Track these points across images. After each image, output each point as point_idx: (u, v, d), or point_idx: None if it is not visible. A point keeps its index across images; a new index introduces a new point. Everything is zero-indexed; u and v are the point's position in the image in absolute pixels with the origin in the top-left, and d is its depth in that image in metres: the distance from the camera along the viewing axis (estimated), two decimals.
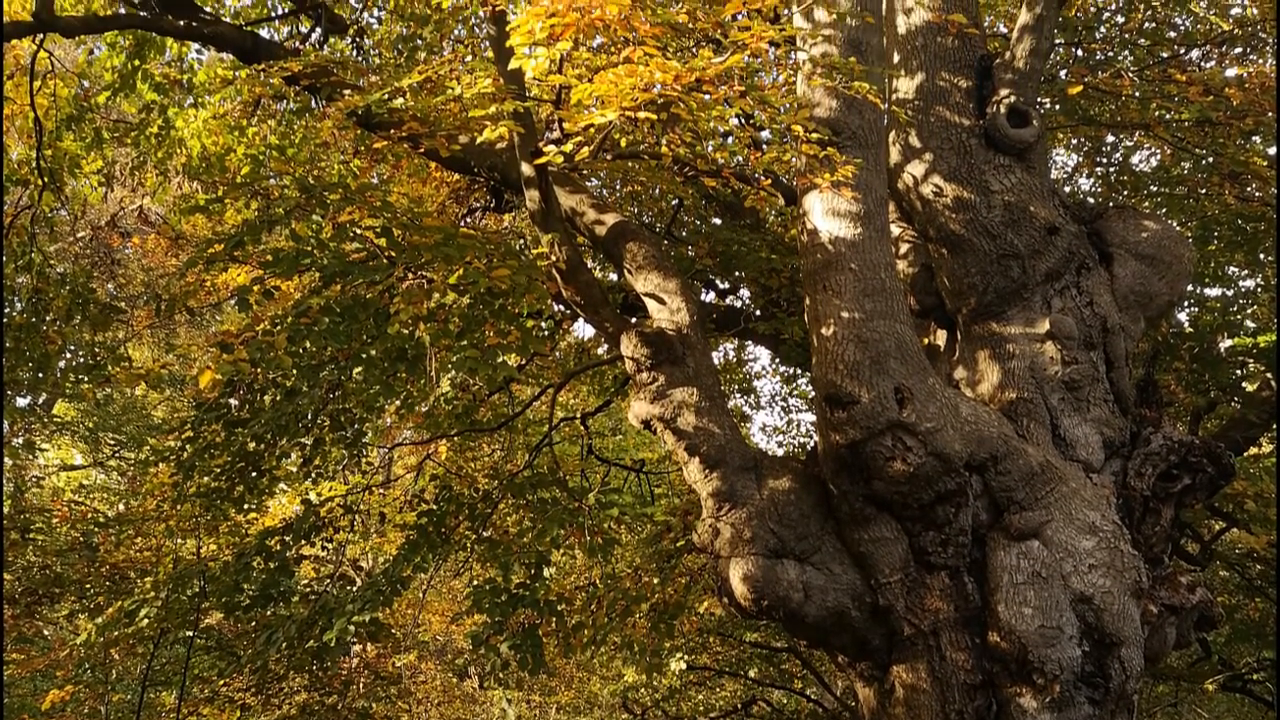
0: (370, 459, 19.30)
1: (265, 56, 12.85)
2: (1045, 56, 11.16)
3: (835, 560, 9.82)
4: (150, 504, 17.57)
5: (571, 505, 12.49)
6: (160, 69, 15.42)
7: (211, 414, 11.76)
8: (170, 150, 15.89)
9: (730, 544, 9.79)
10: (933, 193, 10.73)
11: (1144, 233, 10.88)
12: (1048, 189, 10.89)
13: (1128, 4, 16.00)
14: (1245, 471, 16.00)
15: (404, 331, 9.52)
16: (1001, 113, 10.63)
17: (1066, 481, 9.66)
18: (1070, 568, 9.31)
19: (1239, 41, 15.84)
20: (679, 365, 10.02)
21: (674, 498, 19.58)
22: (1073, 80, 13.06)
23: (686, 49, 13.21)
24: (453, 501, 12.90)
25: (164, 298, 10.80)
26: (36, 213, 14.99)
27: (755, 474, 9.97)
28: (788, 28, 8.92)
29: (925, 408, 9.18)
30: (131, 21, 13.38)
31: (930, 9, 11.03)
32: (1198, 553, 16.26)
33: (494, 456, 21.02)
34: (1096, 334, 10.50)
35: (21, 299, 13.28)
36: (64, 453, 32.11)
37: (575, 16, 7.34)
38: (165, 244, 26.37)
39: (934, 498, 9.37)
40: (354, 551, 25.82)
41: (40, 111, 14.55)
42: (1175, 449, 10.34)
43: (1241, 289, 17.56)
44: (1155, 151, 17.54)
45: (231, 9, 15.70)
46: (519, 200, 13.81)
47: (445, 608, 29.34)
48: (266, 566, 12.60)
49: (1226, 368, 15.61)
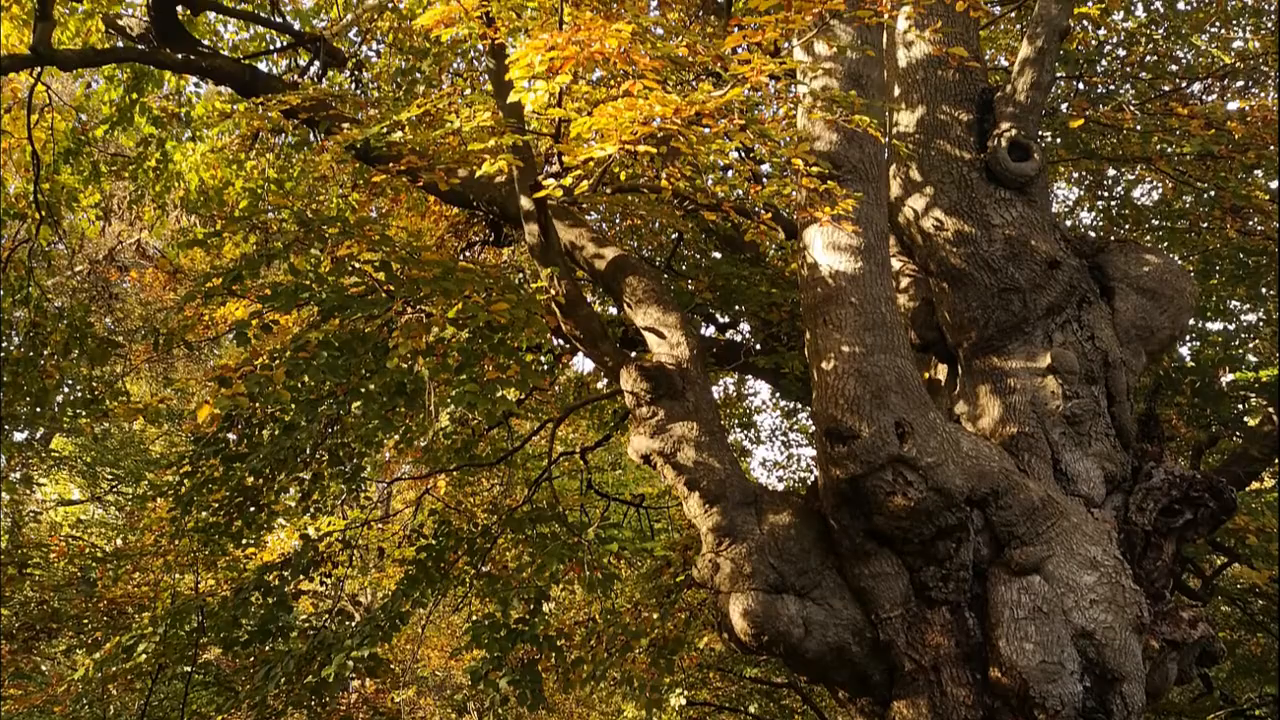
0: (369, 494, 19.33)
1: (263, 90, 12.85)
2: (1046, 90, 11.15)
3: (836, 595, 9.78)
4: (148, 539, 17.55)
5: (571, 540, 12.43)
6: (158, 102, 15.43)
7: (210, 448, 11.72)
8: (168, 184, 15.89)
9: (730, 579, 9.75)
10: (933, 226, 10.71)
11: (1145, 267, 10.86)
12: (1049, 223, 10.87)
13: (1129, 37, 16.02)
14: (1247, 506, 15.93)
15: (403, 366, 9.49)
16: (1003, 146, 10.61)
17: (1068, 516, 9.62)
18: (1072, 603, 9.26)
19: (1241, 75, 15.86)
20: (679, 400, 9.99)
21: (674, 533, 19.51)
22: (1074, 114, 13.05)
23: (686, 82, 13.21)
24: (452, 536, 12.86)
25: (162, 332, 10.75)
26: (34, 247, 14.99)
27: (755, 509, 9.94)
28: (788, 61, 8.91)
29: (926, 442, 9.14)
30: (129, 55, 13.39)
31: (931, 42, 11.03)
32: (1199, 588, 16.20)
33: (493, 491, 21.00)
34: (1098, 368, 10.48)
35: (19, 333, 13.27)
36: (62, 487, 32.06)
37: (575, 50, 7.32)
38: (163, 278, 26.32)
39: (935, 532, 9.32)
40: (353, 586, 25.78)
41: (38, 145, 14.55)
42: (1177, 484, 10.29)
43: (1243, 323, 17.57)
44: (1157, 185, 17.56)
45: (230, 42, 15.71)
46: (518, 234, 13.78)
47: (444, 643, 29.30)
48: (265, 601, 12.55)
49: (1228, 402, 15.59)
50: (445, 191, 11.77)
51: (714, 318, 16.06)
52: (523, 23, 9.93)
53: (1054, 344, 10.52)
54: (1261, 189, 14.16)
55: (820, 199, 8.68)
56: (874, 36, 9.64)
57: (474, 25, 8.57)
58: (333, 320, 9.52)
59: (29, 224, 15.02)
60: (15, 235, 16.15)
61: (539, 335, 9.48)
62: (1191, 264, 15.78)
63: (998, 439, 10.28)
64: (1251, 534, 15.07)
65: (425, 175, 10.71)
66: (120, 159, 16.74)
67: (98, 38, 14.77)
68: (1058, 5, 10.83)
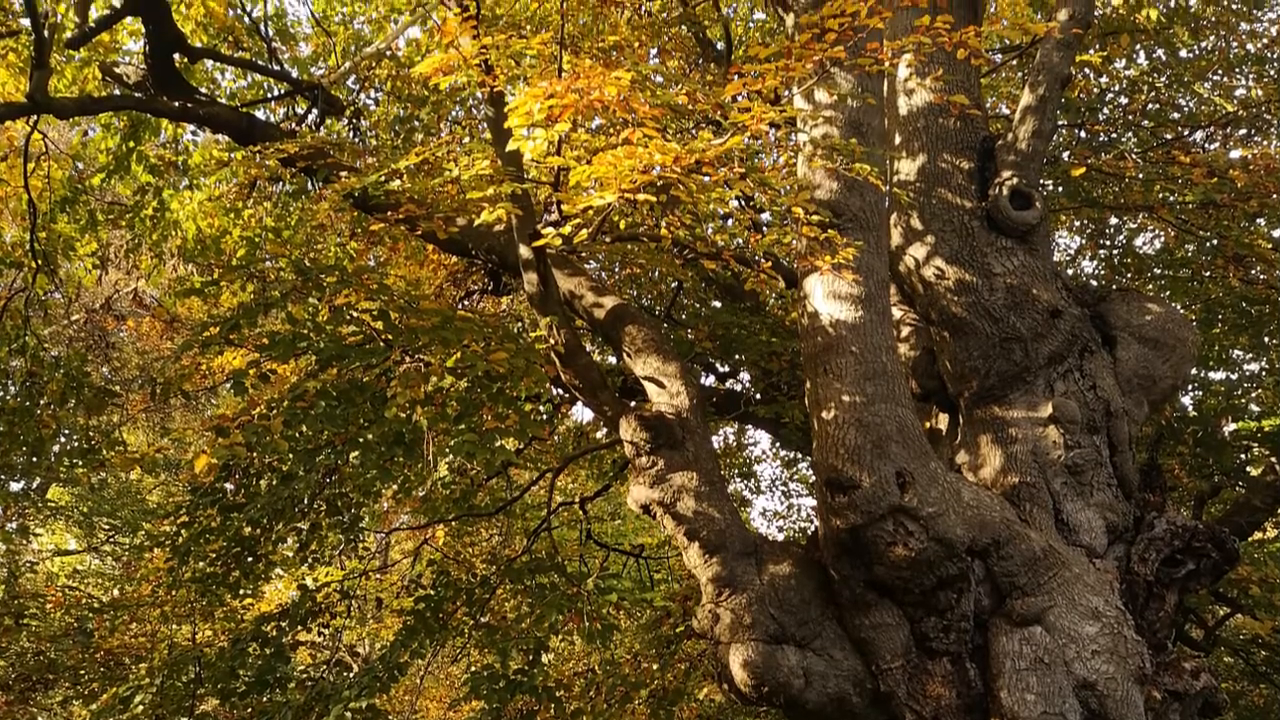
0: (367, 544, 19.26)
1: (261, 138, 12.86)
2: (1048, 138, 11.16)
3: (836, 646, 9.73)
4: (145, 589, 17.48)
5: (570, 590, 12.38)
6: (155, 150, 15.43)
7: (207, 498, 11.70)
8: (165, 232, 15.88)
9: (730, 629, 9.71)
10: (934, 275, 10.69)
11: (1147, 315, 10.84)
12: (1050, 271, 10.85)
13: (1131, 85, 16.03)
14: (1249, 556, 15.89)
15: (401, 415, 9.45)
16: (1004, 195, 10.60)
17: (1069, 566, 9.57)
18: (1073, 653, 9.21)
19: (1243, 123, 15.87)
20: (678, 449, 9.95)
21: (673, 583, 19.48)
22: (1076, 162, 13.06)
23: (686, 130, 13.21)
24: (450, 587, 12.82)
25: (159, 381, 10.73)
26: (30, 295, 14.96)
27: (755, 559, 9.90)
28: (788, 109, 8.89)
29: (927, 492, 9.10)
30: (126, 103, 13.39)
31: (932, 90, 11.03)
32: (1202, 638, 16.14)
33: (492, 541, 20.95)
34: (1100, 418, 10.45)
35: (15, 382, 13.23)
36: (58, 538, 32.03)
37: (574, 98, 7.30)
38: (160, 327, 26.35)
39: (936, 583, 9.28)
40: (351, 637, 25.72)
41: (34, 193, 14.55)
42: (1179, 534, 10.26)
43: (1246, 372, 17.54)
44: (1159, 234, 17.54)
45: (227, 90, 15.72)
46: (517, 283, 13.75)
47: (443, 694, 29.19)
48: (263, 652, 12.50)
49: (1231, 452, 15.56)
50: (444, 240, 11.76)
51: (714, 367, 16.04)
52: (521, 70, 9.92)
53: (1056, 393, 10.50)
54: (1264, 237, 14.18)
55: (821, 247, 8.65)
56: (875, 84, 9.63)
57: (472, 73, 8.55)
58: (330, 369, 9.49)
59: (25, 272, 15.00)
60: (12, 284, 16.14)
61: (538, 385, 9.44)
62: (1194, 313, 15.76)
63: (999, 489, 10.23)
64: (1254, 584, 15.04)
65: (424, 224, 10.70)
66: (117, 207, 16.76)
67: (94, 85, 14.77)
68: (1060, 53, 10.83)
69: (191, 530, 11.84)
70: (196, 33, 14.87)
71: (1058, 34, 10.78)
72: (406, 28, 15.50)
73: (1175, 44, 16.17)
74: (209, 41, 15.16)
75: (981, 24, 10.57)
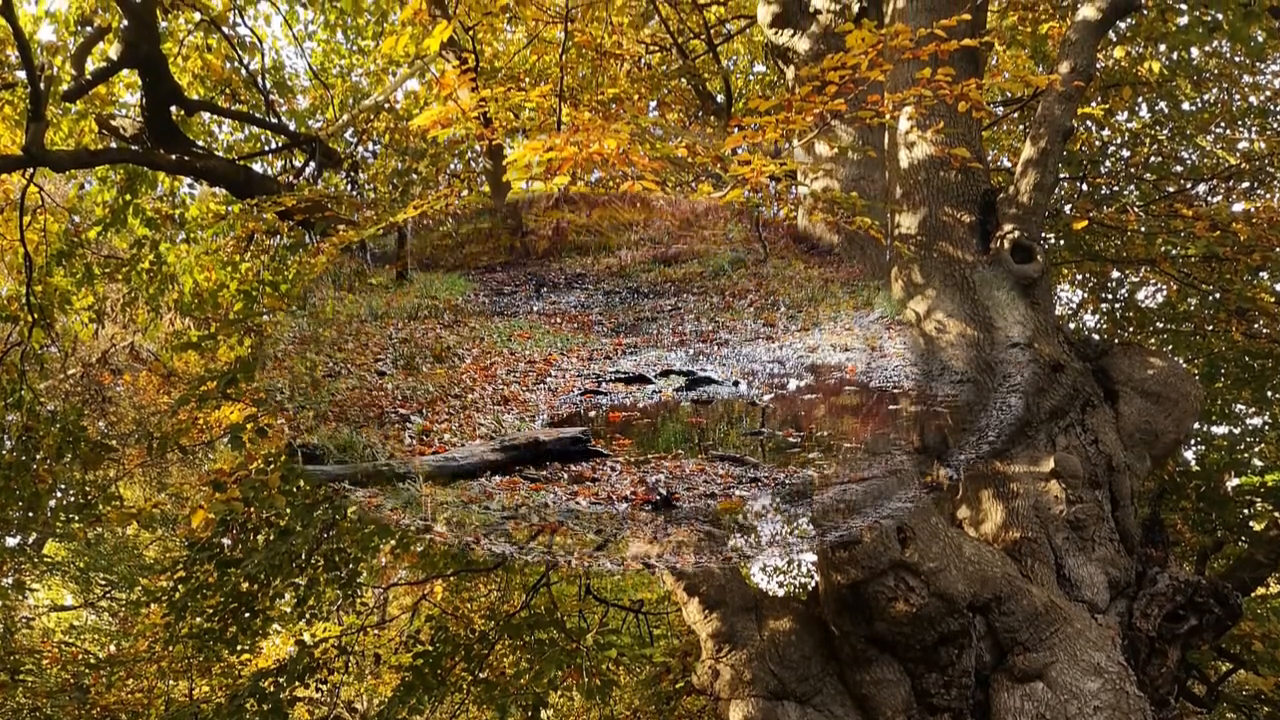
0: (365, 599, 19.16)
1: (259, 191, 12.84)
2: (1050, 191, 11.14)
3: (837, 702, 9.68)
4: (142, 645, 17.43)
5: (569, 646, 12.33)
6: (152, 204, 15.40)
7: (204, 554, 11.65)
8: (162, 286, 15.84)
9: (730, 686, 9.66)
10: (935, 329, 10.64)
11: (1150, 370, 10.81)
12: (1052, 325, 10.82)
13: (1133, 138, 16.04)
14: (1252, 612, 15.86)
15: None
16: (1005, 248, 10.57)
17: (1071, 622, 9.50)
18: (1075, 710, 9.13)
19: (1246, 176, 15.87)
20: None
21: (673, 639, 19.41)
22: (1078, 215, 13.05)
23: (686, 183, 13.21)
24: (449, 642, 12.77)
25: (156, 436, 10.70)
26: (26, 349, 14.91)
27: (756, 615, 9.86)
28: (789, 162, 8.88)
29: (928, 547, 9.05)
30: (123, 156, 13.36)
31: (933, 143, 11.00)
32: (1204, 694, 16.09)
33: (490, 597, 20.85)
34: (1102, 472, 10.40)
35: (11, 437, 13.18)
36: (54, 593, 31.93)
37: (573, 150, 7.27)
38: (157, 381, 26.31)
39: (937, 639, 9.22)
40: (349, 693, 25.57)
41: (30, 247, 14.50)
42: (1181, 589, 10.20)
43: (1249, 427, 17.50)
44: (1161, 287, 17.53)
45: (224, 143, 15.72)
46: None
47: None
48: (260, 708, 12.41)
49: (1233, 507, 15.53)
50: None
51: None
52: (520, 123, 9.93)
53: (1057, 448, 10.46)
54: (1267, 291, 14.15)
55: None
56: (875, 137, 9.64)
57: (471, 126, 8.55)
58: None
59: (21, 326, 14.96)
60: (8, 338, 16.10)
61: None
62: (1196, 367, 15.75)
63: (1001, 544, 10.18)
64: (1257, 640, 14.99)
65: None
66: (114, 261, 16.71)
67: (91, 138, 14.75)
68: (1061, 106, 10.82)
69: (188, 585, 11.79)
70: (194, 85, 14.89)
71: (1059, 86, 10.78)
72: (405, 80, 15.52)
73: (1178, 96, 16.19)
74: (206, 94, 15.16)
75: (983, 76, 10.59)
